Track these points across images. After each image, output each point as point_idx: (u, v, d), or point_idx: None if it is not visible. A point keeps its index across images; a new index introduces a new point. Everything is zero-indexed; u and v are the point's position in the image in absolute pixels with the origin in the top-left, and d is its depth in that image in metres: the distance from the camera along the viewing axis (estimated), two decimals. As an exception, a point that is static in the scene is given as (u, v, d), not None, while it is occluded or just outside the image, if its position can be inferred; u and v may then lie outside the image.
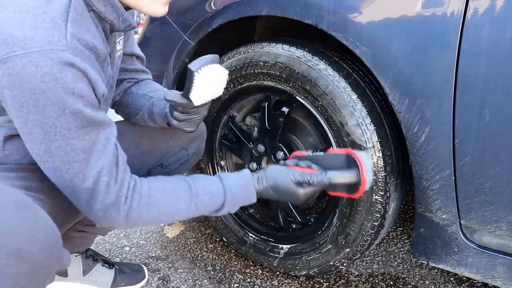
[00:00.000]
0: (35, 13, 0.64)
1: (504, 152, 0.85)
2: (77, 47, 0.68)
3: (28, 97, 0.65)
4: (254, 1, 1.13)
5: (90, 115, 0.71)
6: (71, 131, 0.69)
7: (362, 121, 1.03)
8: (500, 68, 0.81)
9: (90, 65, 0.70)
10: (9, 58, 0.62)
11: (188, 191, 0.86)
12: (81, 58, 0.68)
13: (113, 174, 0.76)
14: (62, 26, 0.66)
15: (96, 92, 0.73)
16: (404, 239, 1.55)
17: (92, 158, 0.73)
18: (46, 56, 0.63)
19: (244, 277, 1.34)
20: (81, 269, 1.21)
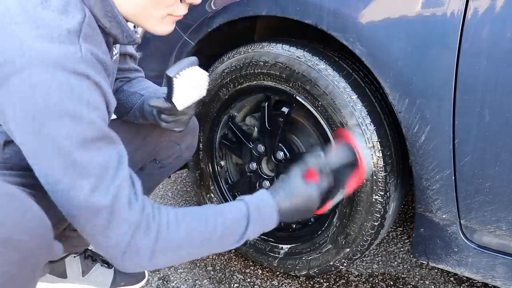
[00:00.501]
0: (51, 26, 0.65)
1: (504, 152, 0.85)
2: (91, 60, 0.68)
3: (43, 107, 0.62)
4: (254, 1, 1.13)
5: (104, 129, 0.69)
6: (86, 142, 0.65)
7: (362, 121, 1.03)
8: (500, 68, 0.81)
9: (103, 79, 0.70)
10: (24, 69, 0.61)
11: (212, 209, 0.80)
12: (95, 71, 0.68)
13: (132, 190, 0.70)
14: (77, 40, 0.67)
15: (109, 105, 0.72)
16: (404, 239, 1.55)
17: (109, 173, 0.67)
18: (62, 67, 0.63)
19: (244, 277, 1.34)
20: (80, 270, 1.20)
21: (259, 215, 0.80)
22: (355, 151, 0.86)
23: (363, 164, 0.86)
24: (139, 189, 0.72)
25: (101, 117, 0.69)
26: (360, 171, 0.86)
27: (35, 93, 0.62)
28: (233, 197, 1.44)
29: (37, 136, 0.64)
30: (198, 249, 0.76)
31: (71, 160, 0.65)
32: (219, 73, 1.27)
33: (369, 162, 0.89)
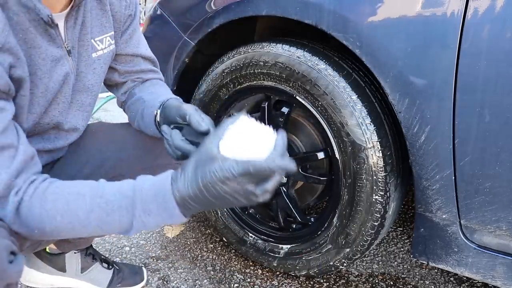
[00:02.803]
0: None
1: (504, 152, 0.85)
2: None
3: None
4: (254, 1, 1.13)
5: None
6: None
7: (362, 121, 1.03)
8: (500, 68, 0.81)
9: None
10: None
11: (93, 188, 0.69)
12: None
13: (3, 164, 0.66)
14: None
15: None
16: (404, 239, 1.55)
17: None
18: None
19: (244, 277, 1.34)
20: (80, 266, 1.21)
21: (148, 204, 0.67)
22: None
23: None
24: (19, 158, 0.67)
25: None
26: None
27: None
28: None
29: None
30: (70, 227, 0.69)
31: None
32: (219, 73, 1.27)
33: None
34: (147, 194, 0.67)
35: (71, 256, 1.21)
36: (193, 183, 0.64)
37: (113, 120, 3.01)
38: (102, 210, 0.68)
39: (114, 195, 0.68)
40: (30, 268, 1.21)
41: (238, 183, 0.62)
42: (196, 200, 0.65)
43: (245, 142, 0.65)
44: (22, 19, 0.71)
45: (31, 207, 0.67)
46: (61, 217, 0.67)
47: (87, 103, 0.93)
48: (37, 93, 0.78)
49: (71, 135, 0.94)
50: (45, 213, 0.67)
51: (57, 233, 0.70)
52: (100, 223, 0.68)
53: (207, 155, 0.64)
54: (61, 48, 0.80)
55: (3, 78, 0.67)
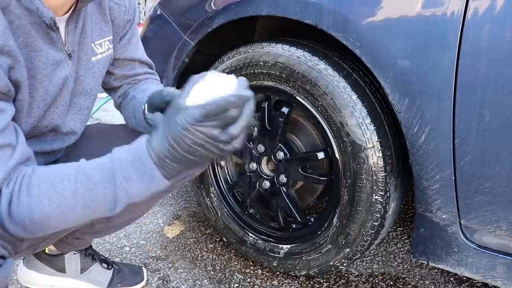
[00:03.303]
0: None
1: (504, 152, 0.85)
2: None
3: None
4: (254, 1, 1.13)
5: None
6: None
7: (362, 121, 1.03)
8: (500, 68, 0.81)
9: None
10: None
11: (75, 167, 0.69)
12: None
13: (0, 162, 0.66)
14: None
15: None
16: (404, 239, 1.55)
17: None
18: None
19: (244, 277, 1.34)
20: (79, 267, 1.21)
21: (128, 170, 0.66)
22: None
23: None
24: (16, 157, 0.67)
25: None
26: None
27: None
28: (233, 197, 1.44)
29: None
30: (58, 211, 0.68)
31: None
32: (219, 73, 1.27)
33: None
34: (126, 160, 0.67)
35: (71, 257, 1.21)
36: (163, 139, 0.64)
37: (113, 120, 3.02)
38: (85, 186, 0.67)
39: (94, 169, 0.68)
40: (30, 270, 1.21)
41: (203, 131, 0.62)
42: (171, 157, 0.64)
43: (210, 91, 0.65)
44: (24, 22, 0.71)
45: (20, 197, 0.66)
46: (48, 201, 0.66)
47: (85, 107, 0.93)
48: (37, 97, 0.78)
49: (69, 138, 0.94)
50: (32, 200, 0.66)
51: (47, 221, 0.69)
52: (86, 201, 0.67)
53: (173, 110, 0.65)
54: (61, 51, 0.81)
55: (3, 79, 0.67)
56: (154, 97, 0.89)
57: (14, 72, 0.70)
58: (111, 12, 0.93)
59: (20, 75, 0.72)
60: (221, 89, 0.67)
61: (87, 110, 0.95)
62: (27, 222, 0.67)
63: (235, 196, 1.44)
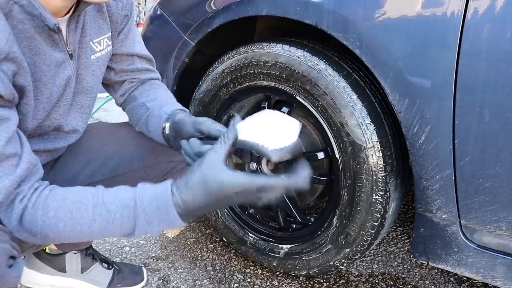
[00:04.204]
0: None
1: (504, 152, 0.85)
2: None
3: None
4: (254, 1, 1.13)
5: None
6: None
7: (362, 121, 1.03)
8: (500, 68, 0.81)
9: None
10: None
11: (94, 196, 0.70)
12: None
13: (5, 170, 0.66)
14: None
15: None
16: (404, 239, 1.55)
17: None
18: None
19: (244, 277, 1.34)
20: (80, 266, 1.21)
21: (151, 216, 0.68)
22: None
23: None
24: (23, 166, 0.68)
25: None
26: None
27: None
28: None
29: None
30: (72, 235, 0.70)
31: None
32: (219, 73, 1.27)
33: None
34: (149, 206, 0.69)
35: (71, 256, 1.21)
36: (202, 196, 0.66)
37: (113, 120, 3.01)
38: (104, 219, 0.69)
39: (115, 204, 0.70)
40: (30, 269, 1.21)
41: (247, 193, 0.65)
42: (201, 210, 0.68)
43: (264, 128, 0.64)
44: (27, 26, 0.72)
45: (34, 215, 0.68)
46: (64, 225, 0.69)
47: (86, 105, 0.94)
48: (43, 99, 0.79)
49: (71, 136, 0.94)
50: (48, 221, 0.68)
51: (59, 239, 0.72)
52: (102, 231, 0.70)
53: (214, 167, 0.66)
54: (63, 52, 0.81)
55: (8, 87, 0.67)
56: (184, 125, 0.88)
57: (19, 78, 0.71)
58: (109, 9, 0.93)
59: (24, 80, 0.72)
60: (276, 129, 0.65)
61: (88, 108, 0.95)
62: (38, 236, 0.70)
63: (235, 196, 1.44)
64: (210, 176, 0.65)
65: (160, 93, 1.05)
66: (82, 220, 0.69)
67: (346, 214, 1.12)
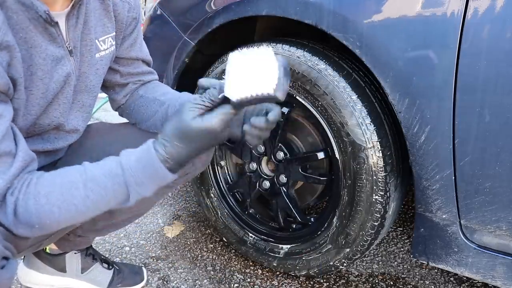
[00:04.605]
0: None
1: (504, 152, 0.85)
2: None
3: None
4: (254, 1, 1.13)
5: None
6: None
7: (362, 121, 1.03)
8: (500, 68, 0.81)
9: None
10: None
11: (82, 173, 0.71)
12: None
13: (1, 170, 0.66)
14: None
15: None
16: (404, 239, 1.55)
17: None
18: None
19: (244, 277, 1.34)
20: (80, 266, 1.21)
21: (141, 177, 0.72)
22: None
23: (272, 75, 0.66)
24: (17, 164, 0.68)
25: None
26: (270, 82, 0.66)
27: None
28: (233, 197, 1.44)
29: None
30: (69, 216, 0.71)
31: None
32: (219, 73, 1.27)
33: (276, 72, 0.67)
34: (136, 168, 0.72)
35: (71, 256, 1.21)
36: (183, 147, 0.72)
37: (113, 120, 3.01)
38: (97, 193, 0.71)
39: (104, 176, 0.71)
40: (30, 269, 1.21)
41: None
42: (187, 158, 0.74)
43: (248, 78, 0.67)
44: (22, 17, 0.71)
45: (26, 205, 0.68)
46: (59, 209, 0.69)
47: (87, 104, 0.93)
48: (37, 94, 0.77)
49: (71, 136, 0.94)
50: (41, 208, 0.68)
51: (57, 224, 0.72)
52: (98, 205, 0.72)
53: (185, 119, 0.71)
54: (62, 47, 0.80)
55: (3, 77, 0.67)
56: None
57: (10, 69, 0.70)
58: (115, 8, 0.92)
59: (16, 72, 0.71)
60: (259, 72, 0.67)
61: (89, 107, 0.95)
62: (36, 226, 0.70)
63: (235, 196, 1.44)
64: (183, 127, 0.70)
65: (167, 89, 1.07)
66: (75, 200, 0.70)
67: (346, 214, 1.12)
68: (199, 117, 0.70)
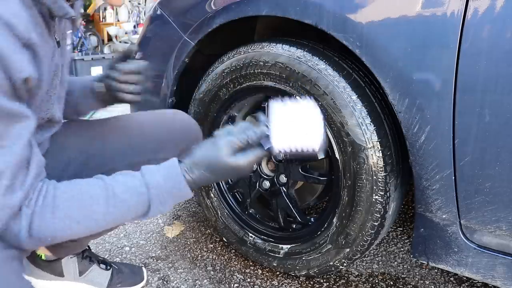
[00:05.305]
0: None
1: (504, 152, 0.85)
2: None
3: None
4: (254, 1, 1.13)
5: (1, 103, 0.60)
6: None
7: (362, 121, 1.03)
8: (500, 68, 0.81)
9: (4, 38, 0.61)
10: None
11: (103, 189, 0.71)
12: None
13: (19, 178, 0.64)
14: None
15: (10, 72, 0.61)
16: (404, 239, 1.55)
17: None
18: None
19: (244, 277, 1.34)
20: (77, 270, 1.20)
21: (164, 197, 0.74)
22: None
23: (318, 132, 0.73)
24: (32, 173, 0.67)
25: None
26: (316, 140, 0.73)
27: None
28: (233, 197, 1.44)
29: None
30: (86, 230, 0.71)
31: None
32: (219, 73, 1.27)
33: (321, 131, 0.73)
34: (162, 188, 0.74)
35: (68, 261, 1.20)
36: (208, 175, 0.76)
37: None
38: (119, 209, 0.72)
39: (126, 193, 0.72)
40: (29, 276, 1.20)
41: None
42: (208, 182, 0.79)
43: (293, 130, 0.71)
44: (35, 12, 0.69)
45: (43, 217, 0.67)
46: (78, 224, 0.69)
47: (63, 95, 0.93)
48: (44, 89, 0.77)
49: (55, 127, 0.93)
50: (58, 222, 0.67)
51: (71, 237, 0.72)
52: (116, 220, 0.73)
53: (218, 154, 0.74)
54: (54, 40, 0.79)
55: (35, 69, 0.66)
56: None
57: (33, 67, 0.68)
58: None
59: (37, 69, 0.70)
60: (303, 125, 0.71)
61: (63, 99, 0.94)
62: (49, 238, 0.69)
63: (235, 196, 1.44)
64: (216, 161, 0.74)
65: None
66: (96, 215, 0.70)
67: (346, 214, 1.12)
68: (233, 154, 0.74)
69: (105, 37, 8.31)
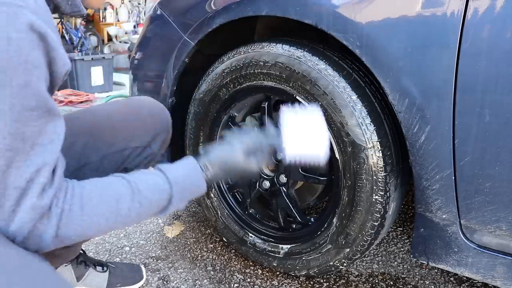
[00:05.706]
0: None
1: (504, 152, 0.85)
2: (40, 6, 0.60)
3: None
4: (254, 1, 1.13)
5: (43, 95, 0.60)
6: (14, 109, 0.57)
7: (362, 121, 1.03)
8: (500, 68, 0.81)
9: (53, 31, 0.61)
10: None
11: (127, 187, 0.73)
12: (43, 20, 0.58)
13: (50, 176, 0.64)
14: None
15: (57, 65, 0.62)
16: (404, 239, 1.55)
17: (33, 152, 0.60)
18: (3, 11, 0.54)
19: (244, 277, 1.34)
20: (74, 276, 1.19)
21: (184, 193, 0.80)
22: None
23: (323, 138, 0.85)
24: (59, 172, 0.66)
25: (42, 77, 0.61)
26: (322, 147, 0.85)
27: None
28: (233, 197, 1.44)
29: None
30: (111, 227, 0.73)
31: None
32: (219, 73, 1.27)
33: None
34: (184, 184, 0.79)
35: (63, 269, 1.18)
36: (224, 173, 0.85)
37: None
38: (143, 206, 0.74)
39: (150, 190, 0.75)
40: None
41: None
42: (223, 178, 0.88)
43: (304, 140, 0.81)
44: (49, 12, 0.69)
45: (71, 216, 0.67)
46: (106, 221, 0.71)
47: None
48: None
49: None
50: (87, 219, 0.68)
51: (96, 235, 0.78)
52: (139, 217, 0.75)
53: (235, 154, 0.84)
54: None
55: (68, 63, 0.66)
56: None
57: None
58: None
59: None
60: (311, 134, 0.82)
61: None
62: (73, 237, 0.68)
63: (235, 196, 1.44)
64: (232, 163, 0.84)
65: None
66: (123, 211, 0.72)
67: (346, 214, 1.12)
68: (247, 157, 0.83)
69: (105, 37, 8.31)
